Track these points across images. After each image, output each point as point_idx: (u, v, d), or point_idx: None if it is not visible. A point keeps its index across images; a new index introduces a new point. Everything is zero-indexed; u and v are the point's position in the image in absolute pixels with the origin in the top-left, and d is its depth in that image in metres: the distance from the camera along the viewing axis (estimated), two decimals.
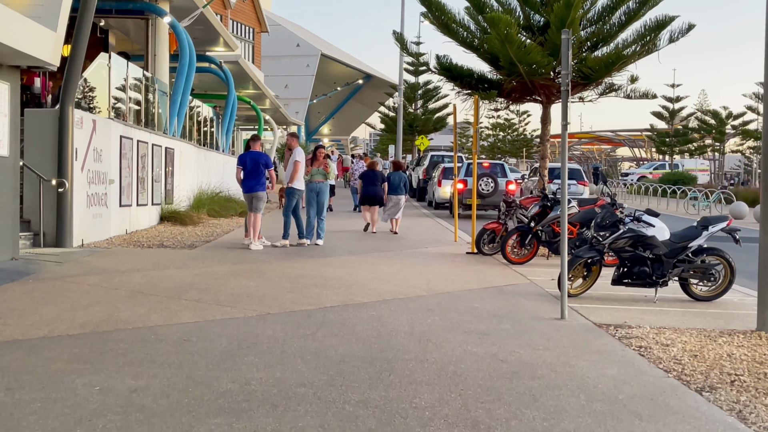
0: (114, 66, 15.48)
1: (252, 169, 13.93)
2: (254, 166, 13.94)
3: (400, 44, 14.67)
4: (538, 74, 14.03)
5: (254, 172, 13.92)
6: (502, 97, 15.06)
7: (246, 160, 14.00)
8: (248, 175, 13.94)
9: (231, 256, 12.30)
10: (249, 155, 14.08)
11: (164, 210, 18.21)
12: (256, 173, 13.92)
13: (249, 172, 13.92)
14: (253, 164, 13.93)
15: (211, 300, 8.37)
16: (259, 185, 13.93)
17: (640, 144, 72.42)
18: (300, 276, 10.36)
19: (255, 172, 13.92)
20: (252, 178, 13.93)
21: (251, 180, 13.93)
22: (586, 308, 8.79)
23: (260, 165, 13.95)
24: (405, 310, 8.25)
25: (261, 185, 13.96)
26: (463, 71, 14.82)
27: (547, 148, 15.24)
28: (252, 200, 13.94)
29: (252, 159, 13.96)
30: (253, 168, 13.95)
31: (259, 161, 13.97)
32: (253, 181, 13.92)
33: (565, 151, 8.22)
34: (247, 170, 13.94)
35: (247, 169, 13.95)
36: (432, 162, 33.44)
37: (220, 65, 26.51)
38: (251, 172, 13.92)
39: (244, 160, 14.03)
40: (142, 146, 16.47)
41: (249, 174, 13.93)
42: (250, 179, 13.94)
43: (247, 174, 13.95)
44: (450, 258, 13.34)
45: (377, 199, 17.87)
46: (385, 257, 13.03)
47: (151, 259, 11.58)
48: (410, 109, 52.24)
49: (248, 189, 13.98)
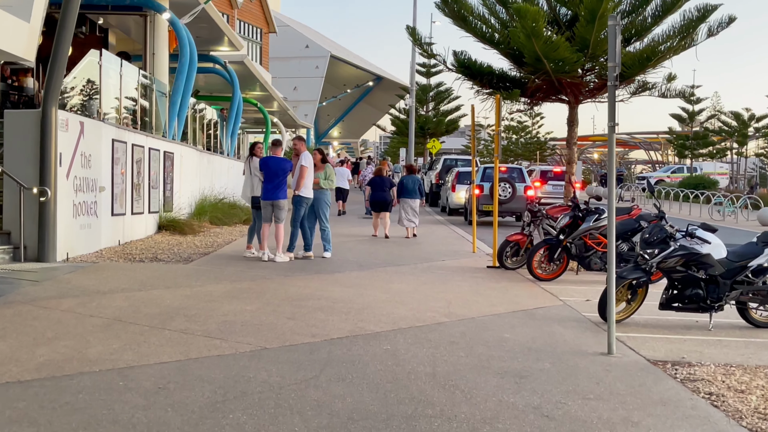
0: (106, 64, 14.37)
1: (273, 175, 12.81)
2: (275, 172, 12.81)
3: (413, 38, 13.53)
4: (566, 72, 12.84)
5: (275, 178, 12.81)
6: (525, 96, 13.88)
7: (268, 164, 12.89)
8: (269, 181, 12.84)
9: (229, 272, 11.14)
10: (271, 160, 12.98)
11: (162, 218, 17.07)
12: (278, 179, 12.81)
13: (270, 177, 12.82)
14: (275, 170, 12.80)
15: (198, 330, 7.20)
16: (281, 192, 12.85)
17: (656, 147, 71.00)
18: (304, 297, 9.19)
19: (276, 178, 12.81)
20: (272, 185, 12.81)
21: (272, 186, 12.82)
22: (634, 339, 7.59)
23: (283, 172, 12.83)
24: (424, 342, 7.07)
25: (283, 192, 12.89)
26: (483, 69, 13.65)
27: (575, 151, 14.05)
28: (272, 209, 12.84)
29: (275, 164, 12.86)
30: (274, 174, 12.82)
31: (285, 168, 12.87)
32: (273, 187, 12.81)
33: (612, 155, 7.02)
34: (268, 176, 12.84)
35: (269, 174, 12.84)
36: (445, 166, 32.23)
37: (224, 65, 25.42)
38: (272, 178, 12.81)
39: (265, 165, 12.93)
40: (137, 150, 15.35)
41: (270, 180, 12.83)
42: (270, 185, 12.83)
43: (268, 180, 12.85)
44: (470, 273, 12.15)
45: (386, 205, 17.84)
46: (399, 273, 11.86)
47: (139, 276, 10.43)
48: (422, 112, 51.04)
49: (268, 196, 12.85)
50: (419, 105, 50.52)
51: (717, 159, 53.55)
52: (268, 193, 12.91)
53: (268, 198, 12.90)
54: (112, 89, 14.78)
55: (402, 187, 18.06)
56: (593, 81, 13.56)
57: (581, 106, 14.01)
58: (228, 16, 38.95)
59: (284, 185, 12.96)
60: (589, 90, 13.60)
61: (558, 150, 75.49)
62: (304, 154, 13.12)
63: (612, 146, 7.04)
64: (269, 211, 12.95)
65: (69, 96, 13.22)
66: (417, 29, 13.62)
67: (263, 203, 13.03)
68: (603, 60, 13.14)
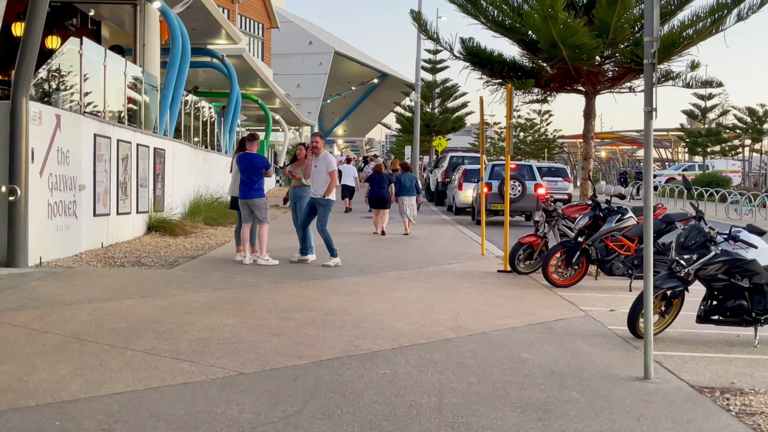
0: (88, 54, 13.38)
1: (246, 173, 11.88)
2: (248, 170, 11.87)
3: (417, 24, 12.47)
4: (583, 59, 11.79)
5: (249, 176, 11.88)
6: (539, 86, 12.83)
7: (240, 162, 11.99)
8: (243, 179, 11.91)
9: (215, 279, 10.15)
10: (242, 157, 12.01)
11: (152, 218, 16.09)
12: (252, 177, 11.87)
13: (244, 176, 11.92)
14: (246, 168, 11.87)
15: (167, 350, 6.21)
16: (255, 191, 11.92)
17: (666, 144, 69.80)
18: (294, 308, 8.18)
19: (250, 176, 11.87)
20: (247, 183, 11.88)
21: (246, 185, 11.90)
22: (671, 358, 6.57)
23: (256, 169, 11.88)
24: (429, 364, 6.06)
25: (258, 191, 11.95)
26: (493, 57, 12.59)
27: (591, 146, 12.99)
28: (250, 209, 11.88)
29: (245, 161, 11.90)
30: (246, 172, 11.89)
31: (254, 164, 11.90)
32: (247, 186, 11.88)
33: (649, 146, 5.99)
34: (243, 175, 11.94)
35: (242, 173, 11.95)
36: (451, 163, 31.20)
37: (222, 59, 24.43)
38: (246, 176, 11.90)
39: (239, 162, 12.04)
40: (123, 146, 14.36)
41: (244, 178, 11.91)
42: (244, 184, 11.91)
43: (243, 179, 11.93)
44: (479, 278, 11.13)
45: (384, 202, 17.88)
46: (402, 279, 10.84)
47: (114, 284, 9.44)
48: (427, 109, 49.97)
49: (243, 195, 11.94)
50: (425, 102, 49.47)
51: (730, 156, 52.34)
52: (242, 192, 12.01)
53: (243, 197, 11.99)
54: (95, 81, 13.79)
55: (399, 184, 18.09)
56: (612, 69, 12.51)
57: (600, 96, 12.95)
58: (228, 11, 37.99)
59: (259, 183, 11.98)
60: (607, 79, 12.55)
61: (566, 147, 74.40)
62: (326, 155, 12.12)
63: (649, 135, 6.01)
64: (247, 211, 11.99)
65: (45, 87, 12.24)
66: (422, 14, 12.53)
67: (240, 203, 12.10)
68: (624, 46, 12.09)
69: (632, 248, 10.35)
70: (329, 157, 12.11)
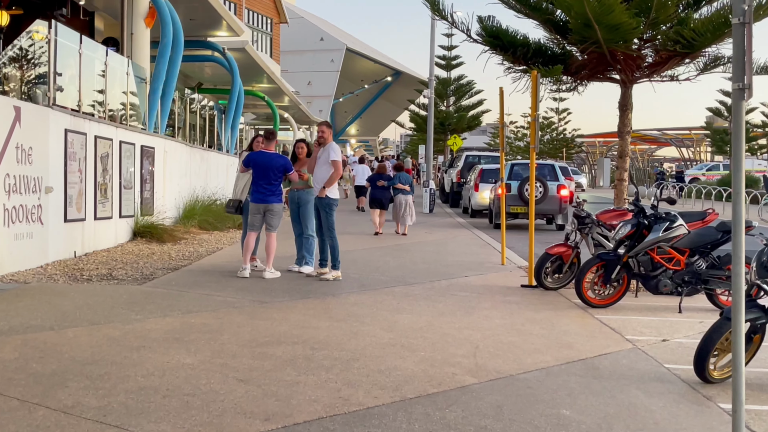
0: (60, 39, 11.91)
1: (263, 174, 10.39)
2: (265, 171, 10.37)
3: (429, 3, 10.89)
4: (621, 42, 10.20)
5: (266, 178, 10.38)
6: (568, 74, 11.25)
7: (257, 161, 10.46)
8: (258, 180, 10.43)
9: (189, 298, 8.63)
10: (260, 156, 10.52)
11: (138, 223, 14.62)
12: (269, 179, 10.38)
13: (259, 177, 10.42)
14: (264, 167, 10.37)
15: (93, 409, 4.69)
16: (274, 195, 10.43)
17: (687, 144, 67.81)
18: (275, 339, 6.65)
19: (267, 178, 10.38)
20: (264, 186, 10.39)
21: (262, 187, 10.40)
22: (759, 415, 4.99)
23: (274, 169, 10.38)
24: (440, 427, 4.51)
25: (276, 195, 10.47)
26: (516, 40, 11.03)
27: (628, 142, 11.40)
28: (264, 214, 10.42)
29: (263, 161, 10.41)
30: (264, 172, 10.39)
31: (274, 164, 10.40)
32: (266, 189, 10.38)
33: (740, 134, 4.39)
34: (257, 174, 10.44)
35: (257, 173, 10.44)
36: (467, 163, 29.57)
37: (223, 52, 22.95)
38: (262, 178, 10.40)
39: (253, 162, 10.50)
40: (102, 144, 12.90)
41: (259, 180, 10.42)
42: (260, 186, 10.42)
43: (257, 179, 10.45)
44: (501, 296, 9.56)
45: (384, 202, 18.09)
46: (410, 296, 9.29)
47: (66, 306, 7.95)
48: (442, 107, 48.39)
49: (259, 198, 10.43)
50: (439, 100, 47.92)
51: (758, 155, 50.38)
52: (257, 195, 10.47)
53: (258, 201, 10.45)
54: (69, 70, 12.32)
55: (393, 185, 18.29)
56: (651, 54, 10.91)
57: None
58: (235, 5, 36.60)
59: (278, 186, 10.49)
60: (646, 66, 10.96)
61: (585, 146, 72.59)
62: (331, 145, 10.62)
63: (740, 119, 4.41)
64: (258, 218, 10.48)
65: (5, 77, 10.80)
66: None
67: (252, 207, 10.57)
68: (666, 27, 10.50)
69: (682, 262, 8.75)
70: (333, 146, 10.59)
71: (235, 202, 11.24)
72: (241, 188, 11.14)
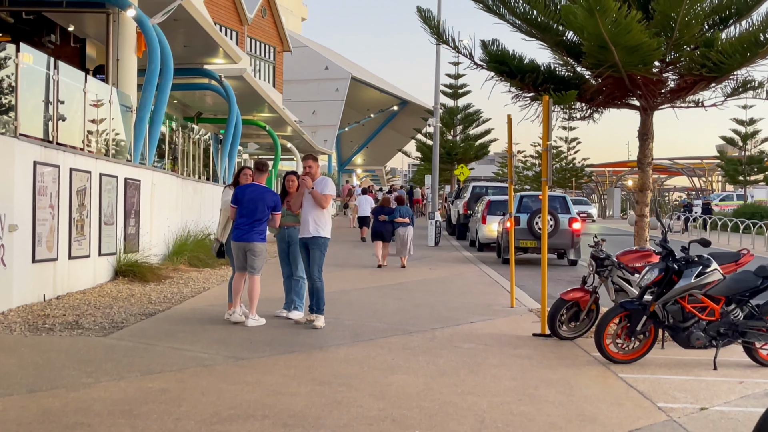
0: (30, 64, 11.01)
1: (250, 210, 9.39)
2: (254, 207, 9.39)
3: (427, 25, 9.89)
4: (640, 65, 9.23)
5: (252, 214, 9.39)
6: (583, 101, 10.27)
7: (245, 196, 9.44)
8: (243, 217, 9.41)
9: (155, 353, 7.60)
10: (251, 188, 9.52)
11: (121, 262, 13.64)
12: (256, 216, 9.39)
13: (245, 213, 9.39)
14: (252, 204, 9.38)
15: None
16: (257, 233, 9.41)
17: (699, 173, 66.67)
18: (241, 413, 5.60)
19: (253, 214, 9.39)
20: (248, 223, 9.39)
21: (247, 225, 9.39)
22: None
23: (263, 206, 9.41)
24: None
25: (260, 234, 9.44)
26: (524, 65, 10.06)
27: (649, 175, 10.38)
28: (246, 254, 9.41)
29: (253, 195, 9.42)
30: (252, 208, 9.39)
31: (263, 200, 9.43)
32: (249, 226, 9.38)
33: None
34: (242, 210, 9.42)
35: (244, 209, 9.41)
36: (474, 194, 28.58)
37: (220, 80, 22.11)
38: (248, 214, 9.39)
39: (241, 196, 9.47)
40: (79, 177, 11.95)
41: (244, 215, 9.40)
42: (244, 224, 9.40)
43: (242, 215, 9.42)
44: (510, 348, 8.49)
45: (386, 235, 17.97)
46: (408, 349, 8.24)
47: (9, 365, 6.92)
48: (449, 136, 47.49)
49: (240, 236, 9.43)
50: (446, 129, 47.04)
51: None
52: (238, 233, 9.47)
53: (240, 239, 9.44)
54: (39, 96, 11.40)
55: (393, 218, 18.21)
56: (674, 78, 9.93)
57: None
58: (237, 33, 35.91)
59: (263, 224, 9.48)
60: (669, 91, 9.97)
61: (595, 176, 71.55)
62: (324, 180, 9.61)
63: None
64: (242, 258, 9.48)
65: None
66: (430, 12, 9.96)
67: (234, 246, 9.55)
68: (690, 49, 9.52)
69: (717, 311, 7.69)
70: (326, 181, 9.57)
71: (218, 244, 10.22)
72: (223, 226, 10.11)
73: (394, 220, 18.02)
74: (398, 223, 17.90)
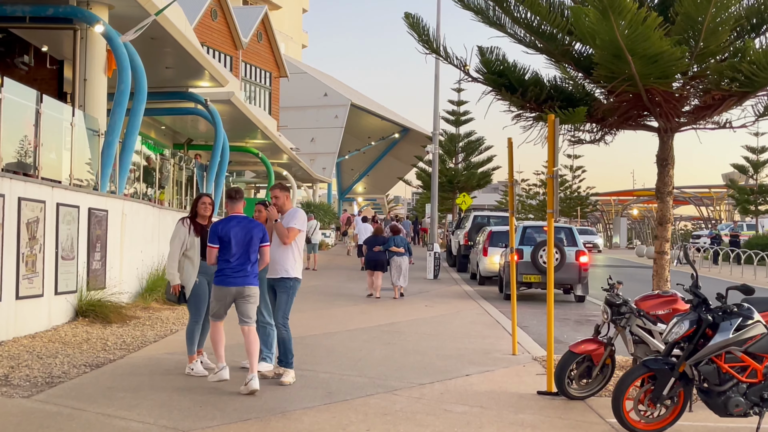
0: None
1: (242, 249, 7.75)
2: (246, 244, 7.75)
3: (415, 33, 8.63)
4: (660, 78, 7.97)
5: (246, 254, 7.76)
6: (593, 121, 8.99)
7: (229, 231, 7.73)
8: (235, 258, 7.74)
9: (78, 425, 6.27)
10: (233, 223, 7.81)
11: (83, 300, 12.33)
12: (249, 255, 7.78)
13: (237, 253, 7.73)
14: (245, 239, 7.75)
15: None
16: (252, 275, 7.81)
17: (706, 202, 65.30)
18: None
19: (247, 253, 7.77)
20: (243, 263, 7.76)
21: (239, 266, 7.75)
22: None
23: (256, 240, 7.80)
24: None
25: (255, 275, 7.85)
26: (526, 79, 8.81)
27: (669, 205, 9.08)
28: (240, 301, 7.80)
29: (240, 229, 7.77)
30: (244, 246, 7.74)
31: (253, 233, 7.80)
32: (241, 266, 7.76)
33: None
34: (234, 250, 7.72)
35: (234, 248, 7.72)
36: (475, 224, 27.28)
37: (205, 104, 20.94)
38: (240, 254, 7.74)
39: (225, 232, 7.74)
40: (29, 207, 10.68)
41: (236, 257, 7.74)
42: (236, 265, 7.75)
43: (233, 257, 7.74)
44: (510, 411, 7.14)
45: (380, 264, 17.57)
46: (389, 413, 6.89)
47: None
48: (450, 164, 46.30)
49: (229, 281, 7.73)
50: (447, 156, 45.86)
51: None
52: (229, 276, 7.71)
53: (230, 284, 7.70)
54: None
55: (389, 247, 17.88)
56: (699, 95, 8.66)
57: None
58: (231, 58, 34.92)
59: (255, 264, 7.84)
60: (692, 109, 8.70)
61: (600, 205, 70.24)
62: (295, 211, 8.23)
63: None
64: (226, 305, 7.86)
65: None
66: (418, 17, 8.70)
67: (218, 292, 7.79)
68: (717, 60, 8.27)
69: (759, 372, 6.35)
70: (295, 214, 8.21)
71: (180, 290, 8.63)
72: (177, 264, 8.60)
73: (389, 249, 17.63)
74: (393, 252, 17.56)
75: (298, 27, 70.90)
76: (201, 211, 8.65)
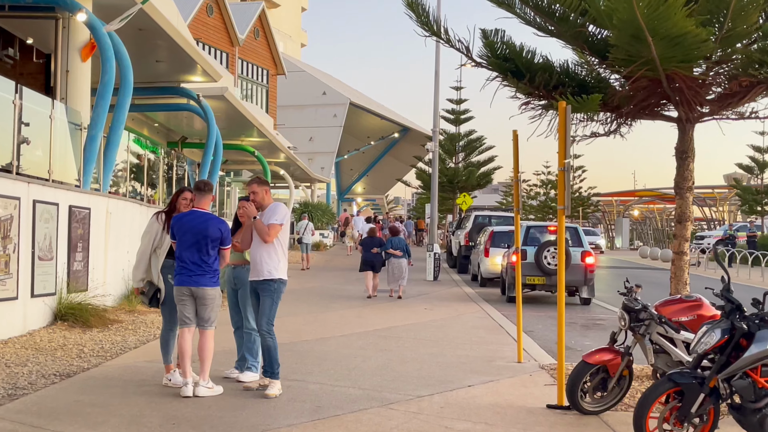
0: None
1: (193, 245, 7.21)
2: (197, 238, 7.21)
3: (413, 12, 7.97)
4: (683, 61, 7.27)
5: (197, 251, 7.22)
6: (607, 110, 8.30)
7: (183, 226, 7.26)
8: (184, 252, 7.23)
9: None
10: (190, 217, 7.31)
11: (62, 303, 11.63)
12: (202, 253, 7.22)
13: (186, 247, 7.22)
14: (195, 234, 7.21)
15: None
16: (207, 275, 7.24)
17: (710, 203, 64.58)
18: None
19: (201, 251, 7.22)
20: (195, 262, 7.21)
21: (192, 264, 7.20)
22: None
23: (211, 237, 7.23)
24: None
25: (211, 276, 7.26)
26: (534, 64, 8.12)
27: (689, 202, 8.38)
28: (195, 303, 7.26)
29: (194, 225, 7.23)
30: (195, 241, 7.21)
31: (209, 229, 7.24)
32: (195, 265, 7.21)
33: None
34: (185, 246, 7.23)
35: (185, 244, 7.23)
36: (476, 224, 26.57)
37: (197, 99, 20.25)
38: (190, 248, 7.21)
39: (179, 227, 7.28)
40: (0, 205, 9.99)
41: (185, 251, 7.22)
42: (189, 264, 7.21)
43: (183, 250, 7.24)
44: (518, 428, 6.44)
45: (376, 266, 17.41)
46: (384, 430, 6.18)
47: None
48: (450, 163, 45.61)
49: (184, 280, 7.23)
50: (447, 156, 45.18)
51: None
52: (183, 275, 7.27)
53: (184, 283, 7.24)
54: None
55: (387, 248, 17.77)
56: (724, 81, 7.97)
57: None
58: (228, 54, 34.24)
59: (214, 261, 7.33)
60: (716, 98, 8.02)
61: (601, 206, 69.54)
62: (276, 206, 7.53)
63: None
64: (187, 307, 7.32)
65: None
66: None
67: (176, 292, 7.35)
68: (744, 44, 7.58)
69: None
70: (276, 208, 7.49)
71: (151, 290, 8.00)
72: (148, 264, 7.88)
73: (386, 251, 17.47)
74: (390, 254, 17.34)
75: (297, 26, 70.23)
76: (180, 207, 7.95)
